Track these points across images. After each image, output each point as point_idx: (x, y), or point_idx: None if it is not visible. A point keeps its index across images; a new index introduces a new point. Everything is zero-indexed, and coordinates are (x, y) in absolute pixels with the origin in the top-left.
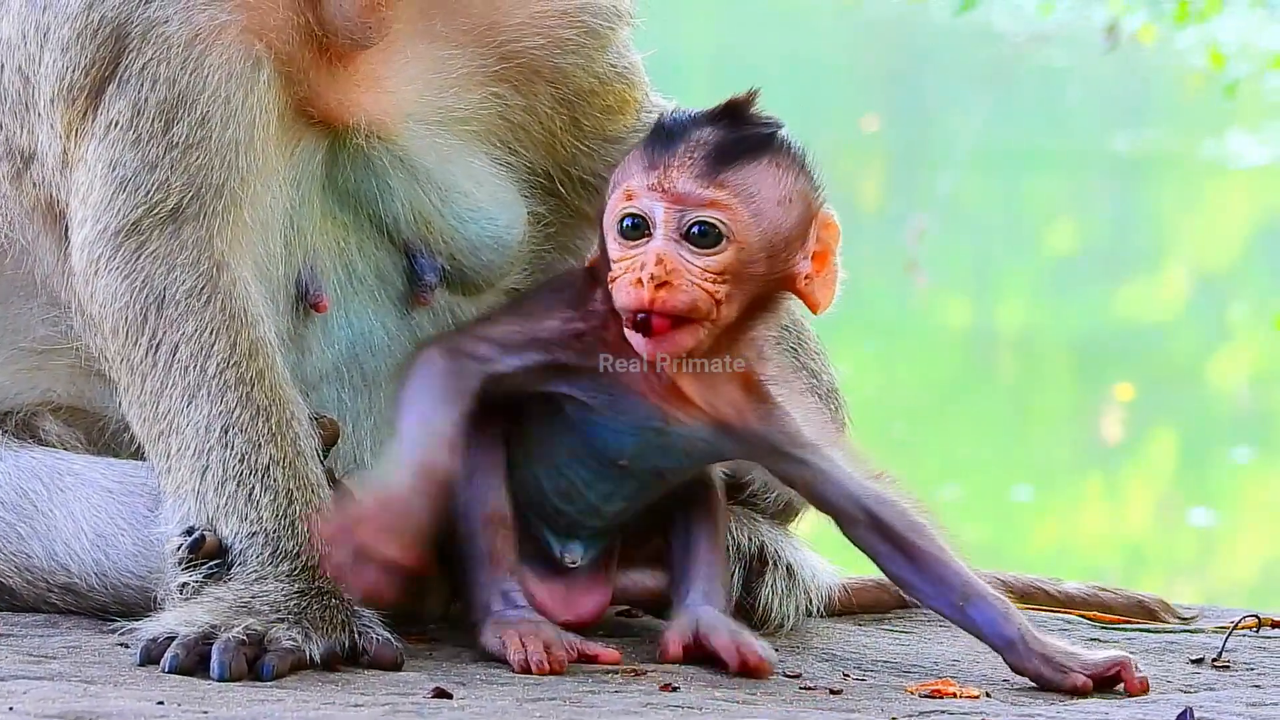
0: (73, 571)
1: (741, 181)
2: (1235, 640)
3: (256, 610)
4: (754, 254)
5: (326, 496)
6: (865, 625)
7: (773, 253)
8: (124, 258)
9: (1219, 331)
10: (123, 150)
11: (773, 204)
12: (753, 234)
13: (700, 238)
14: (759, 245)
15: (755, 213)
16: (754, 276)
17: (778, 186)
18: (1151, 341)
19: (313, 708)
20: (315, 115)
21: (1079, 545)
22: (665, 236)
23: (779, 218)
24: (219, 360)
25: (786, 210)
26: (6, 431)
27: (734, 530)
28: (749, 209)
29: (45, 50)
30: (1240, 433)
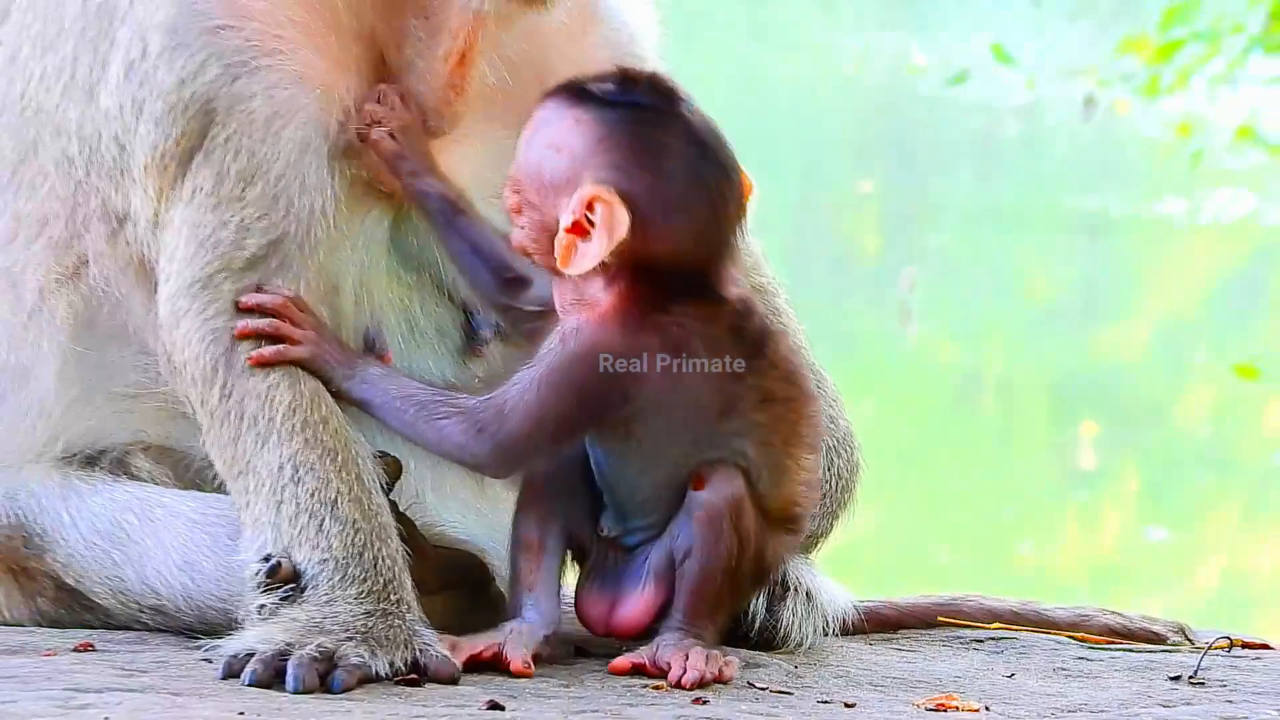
0: (161, 594)
1: (542, 113)
2: (1210, 659)
3: (327, 630)
4: (526, 184)
5: (391, 527)
6: (875, 645)
7: (538, 190)
8: (199, 308)
9: (1180, 374)
10: (205, 213)
11: (543, 144)
12: (522, 166)
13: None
14: (526, 178)
15: (529, 143)
16: (531, 207)
17: (557, 134)
18: (1119, 382)
19: (378, 718)
20: (384, 188)
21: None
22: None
23: (541, 157)
24: (285, 408)
25: (551, 154)
26: (102, 468)
27: None
28: (529, 135)
29: (140, 122)
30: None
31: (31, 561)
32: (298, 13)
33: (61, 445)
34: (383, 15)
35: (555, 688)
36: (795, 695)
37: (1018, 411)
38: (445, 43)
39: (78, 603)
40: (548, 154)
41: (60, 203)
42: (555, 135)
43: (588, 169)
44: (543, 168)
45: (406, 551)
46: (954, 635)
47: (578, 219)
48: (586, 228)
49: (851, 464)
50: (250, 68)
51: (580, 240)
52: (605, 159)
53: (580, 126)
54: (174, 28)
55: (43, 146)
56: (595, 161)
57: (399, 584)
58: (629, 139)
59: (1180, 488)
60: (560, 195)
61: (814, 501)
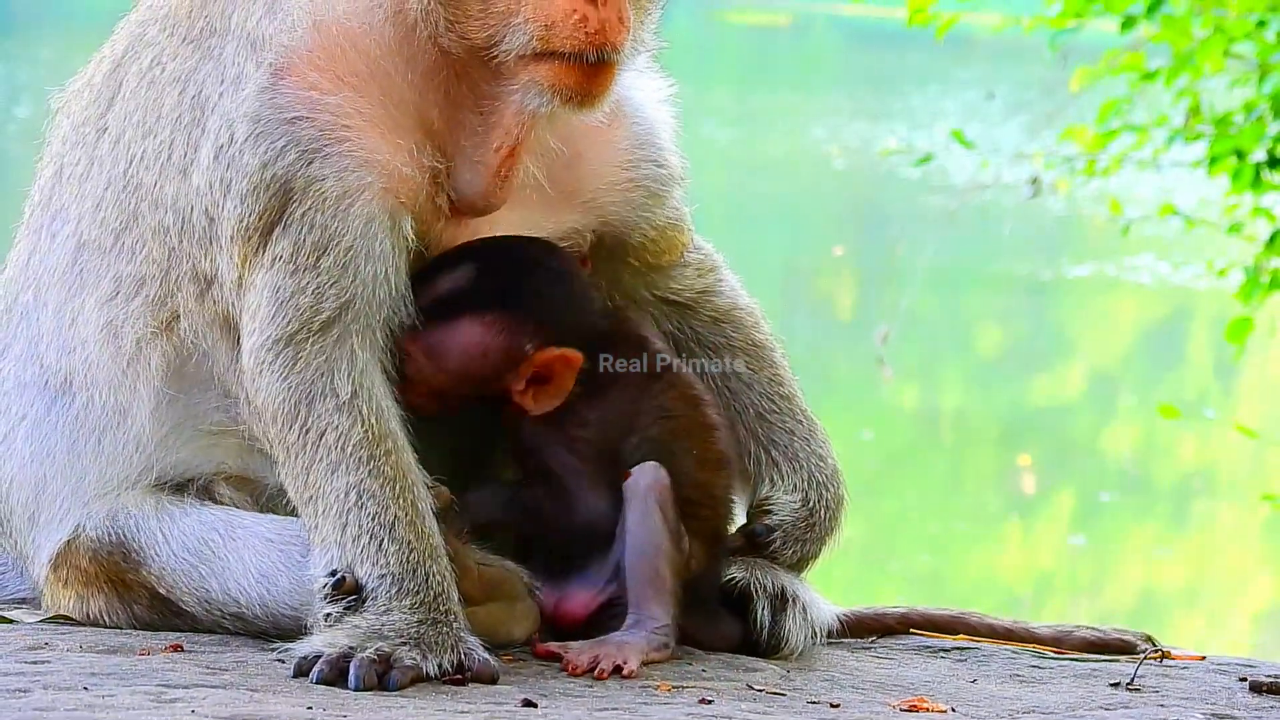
0: (241, 603)
1: (432, 338)
2: (1145, 668)
3: (385, 635)
4: (435, 383)
5: (441, 547)
6: (856, 652)
7: (462, 382)
8: (283, 362)
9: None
10: (284, 278)
11: (457, 356)
12: (435, 378)
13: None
14: (446, 382)
15: (434, 364)
16: (444, 392)
17: (471, 343)
18: (1056, 420)
19: (429, 713)
20: (437, 252)
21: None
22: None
23: (464, 363)
24: (355, 443)
25: (476, 358)
26: (190, 494)
27: (759, 575)
28: (425, 360)
29: (228, 198)
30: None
31: (129, 574)
32: (364, 106)
33: (155, 474)
34: (443, 110)
35: (580, 688)
36: (788, 697)
37: (969, 444)
38: (498, 138)
39: (169, 609)
40: (464, 358)
41: (156, 266)
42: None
43: (521, 347)
44: (469, 368)
45: (454, 568)
46: (924, 644)
47: (539, 373)
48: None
49: (838, 498)
50: (323, 153)
51: (538, 390)
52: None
53: (483, 328)
54: (258, 118)
55: (142, 217)
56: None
57: (447, 597)
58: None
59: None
60: (509, 374)
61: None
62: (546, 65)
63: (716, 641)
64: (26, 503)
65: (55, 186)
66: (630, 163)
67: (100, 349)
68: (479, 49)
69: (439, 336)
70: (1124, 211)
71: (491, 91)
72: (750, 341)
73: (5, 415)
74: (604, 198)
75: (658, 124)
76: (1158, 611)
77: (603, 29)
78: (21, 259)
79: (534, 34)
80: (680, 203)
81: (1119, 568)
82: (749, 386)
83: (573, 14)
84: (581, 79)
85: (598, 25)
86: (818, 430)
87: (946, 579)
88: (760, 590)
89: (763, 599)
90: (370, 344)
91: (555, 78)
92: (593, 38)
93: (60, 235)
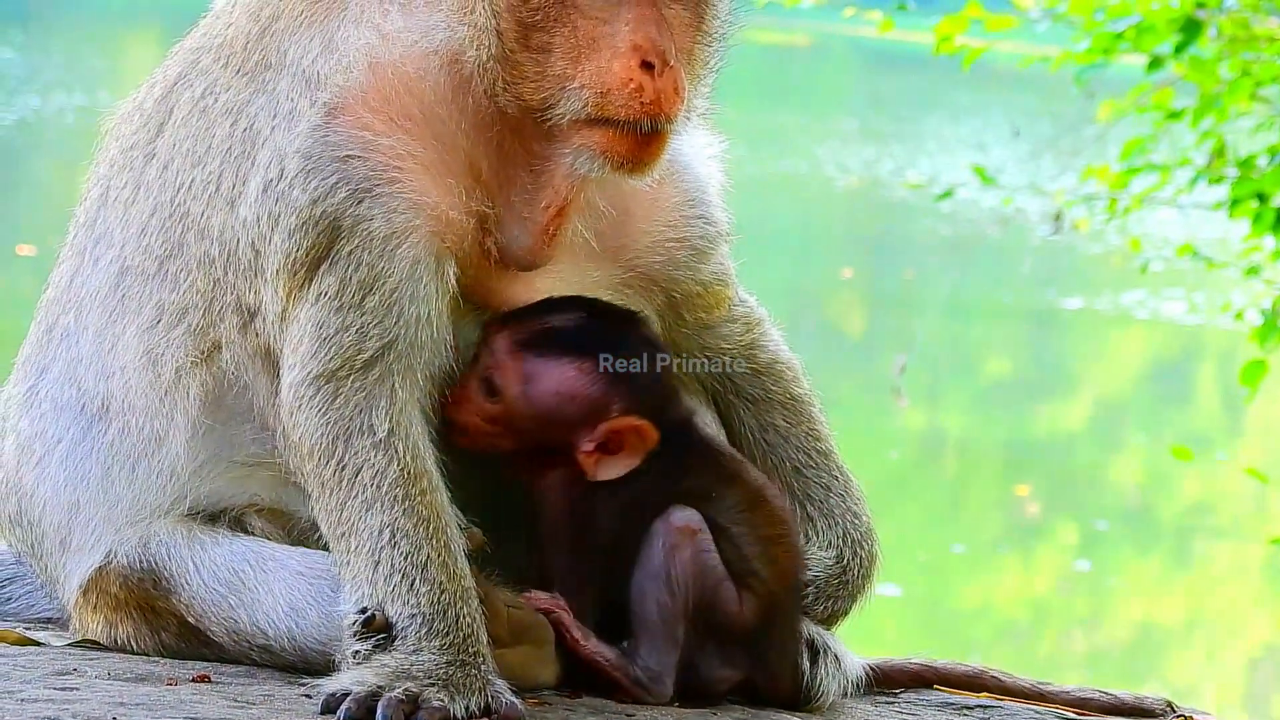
0: (270, 635)
1: (535, 365)
2: None
3: (413, 675)
4: (519, 418)
5: (472, 589)
6: (879, 706)
7: (542, 424)
8: (323, 398)
9: (1112, 444)
10: (329, 315)
11: (549, 394)
12: (519, 405)
13: (486, 385)
14: (525, 414)
15: (526, 393)
16: (522, 431)
17: (562, 383)
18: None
19: None
20: (477, 299)
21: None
22: (474, 373)
23: (552, 404)
24: (391, 481)
25: (564, 401)
26: (223, 524)
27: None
28: (520, 387)
29: (275, 233)
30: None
31: (159, 601)
32: (416, 149)
33: (188, 503)
34: (492, 163)
35: None
36: None
37: (973, 471)
38: (547, 197)
39: (197, 639)
40: (553, 400)
41: (200, 295)
42: (554, 384)
43: (608, 410)
44: (554, 413)
45: (483, 610)
46: (946, 700)
47: (611, 442)
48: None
49: (871, 555)
50: (373, 193)
51: (604, 456)
52: (611, 397)
53: (580, 374)
54: (310, 154)
55: (187, 246)
56: (609, 403)
57: (476, 639)
58: (622, 378)
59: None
60: (584, 430)
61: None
62: (600, 131)
63: (770, 691)
64: (59, 526)
65: (101, 209)
66: (678, 221)
67: (139, 375)
68: (533, 109)
69: (539, 366)
70: (1143, 250)
71: (543, 151)
72: (789, 395)
73: (42, 438)
74: (651, 256)
75: (706, 181)
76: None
77: (658, 99)
78: (64, 280)
79: (589, 100)
80: (725, 258)
81: (1118, 601)
82: (786, 440)
83: (629, 83)
84: (634, 147)
85: (653, 95)
86: (853, 486)
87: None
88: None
89: (801, 647)
90: (410, 384)
91: (608, 144)
92: (648, 108)
93: (104, 260)
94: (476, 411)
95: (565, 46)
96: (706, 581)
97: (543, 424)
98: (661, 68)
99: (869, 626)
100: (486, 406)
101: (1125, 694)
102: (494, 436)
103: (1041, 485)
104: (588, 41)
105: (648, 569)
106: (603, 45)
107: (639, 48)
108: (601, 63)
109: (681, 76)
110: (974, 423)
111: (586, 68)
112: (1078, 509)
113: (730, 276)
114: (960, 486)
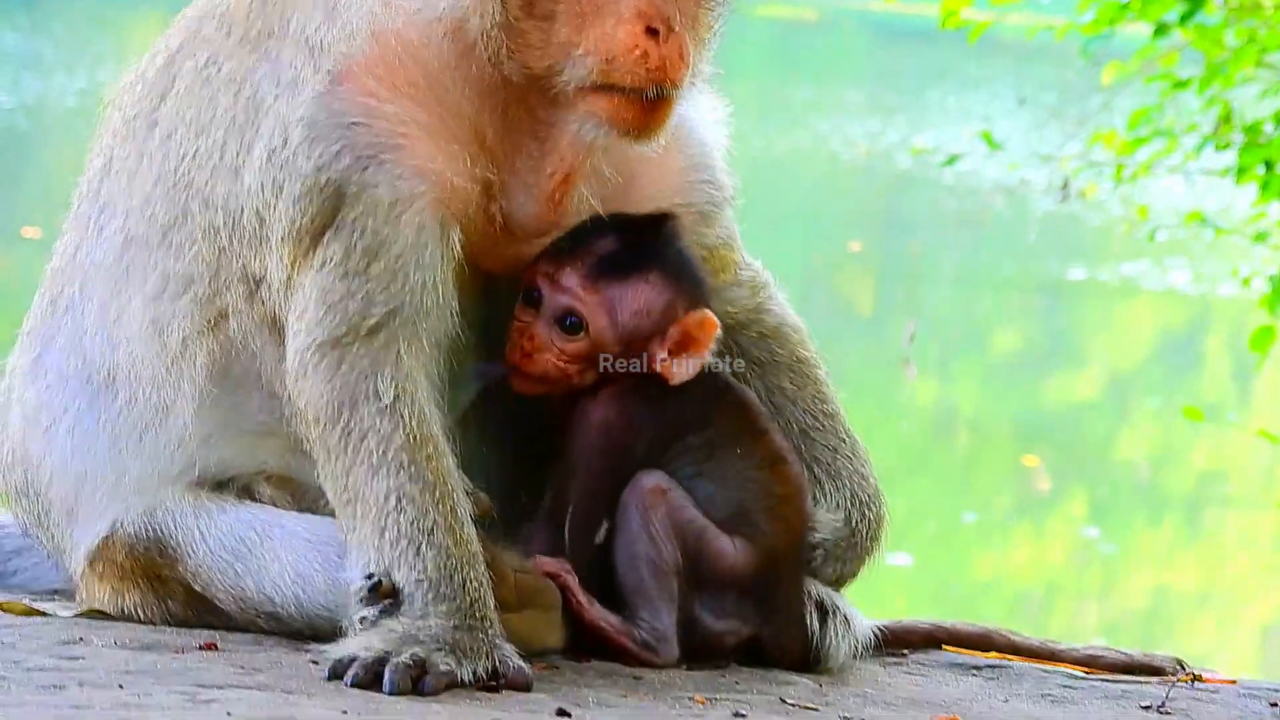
0: (276, 602)
1: (611, 291)
2: (1175, 691)
3: (420, 640)
4: (605, 346)
5: (479, 554)
6: (888, 667)
7: (626, 344)
8: (329, 365)
9: (1123, 416)
10: (334, 281)
11: (629, 314)
12: (605, 333)
13: (566, 326)
14: (611, 340)
15: (612, 320)
16: (606, 358)
17: (640, 302)
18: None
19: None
20: (483, 266)
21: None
22: (544, 317)
23: (634, 323)
24: (397, 447)
25: (642, 319)
26: (230, 492)
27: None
28: (606, 316)
29: (280, 200)
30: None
31: (165, 569)
32: (420, 116)
33: (196, 472)
34: (498, 130)
35: (615, 698)
36: (821, 712)
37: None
38: (553, 164)
39: (203, 606)
40: (634, 319)
41: (205, 265)
42: (633, 303)
43: (679, 308)
44: (637, 330)
45: (490, 575)
46: (955, 661)
47: (681, 340)
48: (684, 345)
49: (879, 517)
50: (378, 159)
51: (677, 361)
52: (680, 294)
53: (649, 285)
54: (314, 122)
55: (192, 215)
56: (678, 301)
57: (483, 604)
58: (681, 273)
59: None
60: (660, 338)
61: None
62: (605, 98)
63: (778, 650)
64: (65, 497)
65: (104, 179)
66: (684, 186)
67: (145, 345)
68: (538, 77)
69: (617, 291)
70: (1151, 217)
71: (548, 118)
72: (795, 358)
73: (48, 408)
74: None
75: (711, 145)
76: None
77: (663, 65)
78: (68, 251)
79: (594, 67)
80: (731, 222)
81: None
82: (792, 402)
83: (634, 49)
84: (640, 113)
85: (659, 62)
86: (860, 449)
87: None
88: (808, 598)
89: (810, 607)
90: (416, 350)
91: (613, 111)
92: (653, 74)
93: (108, 229)
94: (556, 355)
95: (569, 13)
96: (688, 533)
97: (625, 345)
98: (666, 34)
99: (879, 594)
100: (567, 346)
101: (1135, 652)
102: (573, 375)
103: (1052, 456)
104: (592, 8)
105: (628, 533)
106: (607, 11)
107: (644, 14)
108: (606, 29)
109: (686, 42)
110: (984, 395)
111: (591, 34)
112: (1088, 479)
113: (736, 240)
114: (971, 458)
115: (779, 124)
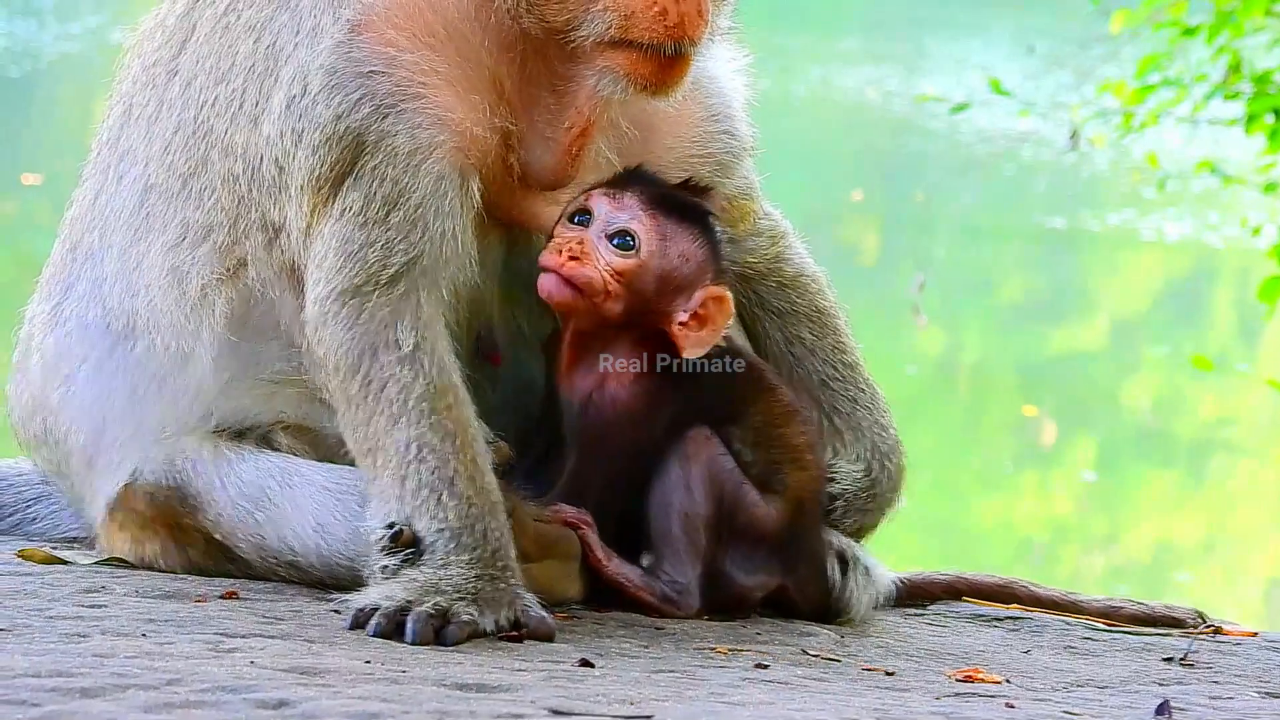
0: (297, 551)
1: (666, 224)
2: (1196, 644)
3: (442, 590)
4: (648, 276)
5: (500, 503)
6: (909, 618)
7: (661, 285)
8: (348, 313)
9: (1130, 365)
10: (353, 230)
11: (676, 254)
12: (653, 261)
13: (619, 243)
14: (654, 271)
15: (662, 250)
16: (641, 292)
17: (686, 246)
18: (1077, 370)
19: (486, 670)
20: (502, 218)
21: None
22: (596, 230)
23: (675, 264)
24: (417, 396)
25: (683, 263)
26: (249, 441)
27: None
28: (659, 243)
29: (299, 149)
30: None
31: (185, 518)
32: (439, 65)
33: (215, 421)
34: (516, 83)
35: (637, 648)
36: (843, 663)
37: (988, 392)
38: (571, 117)
39: (223, 555)
40: (678, 260)
41: (224, 213)
42: (680, 246)
43: (709, 274)
44: (675, 271)
45: (511, 525)
46: (976, 612)
47: (702, 312)
48: (702, 319)
49: (899, 468)
50: (397, 108)
51: (692, 330)
52: (713, 264)
53: (696, 241)
54: (333, 70)
55: (211, 164)
56: (710, 268)
57: (505, 553)
58: (717, 248)
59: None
60: (687, 295)
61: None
62: (623, 54)
63: (800, 599)
64: (85, 445)
65: (124, 126)
66: (703, 137)
67: (164, 294)
68: (556, 31)
69: (671, 227)
70: (1160, 166)
71: (566, 72)
72: (814, 308)
73: (68, 356)
74: (676, 171)
75: (731, 96)
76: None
77: (682, 22)
78: (88, 198)
79: (613, 22)
80: (750, 171)
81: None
82: (812, 353)
83: (653, 6)
84: (658, 70)
85: (677, 18)
86: (880, 399)
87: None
88: (828, 549)
89: (831, 558)
90: (435, 299)
91: (631, 66)
92: (671, 30)
93: (127, 177)
94: (606, 266)
95: None
96: (725, 485)
97: (661, 283)
98: None
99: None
100: (617, 260)
101: (1156, 604)
102: (609, 294)
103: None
104: None
105: (666, 481)
106: None
107: None
108: None
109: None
110: (991, 343)
111: None
112: (1095, 427)
113: (755, 190)
114: (978, 406)
115: (775, 70)
